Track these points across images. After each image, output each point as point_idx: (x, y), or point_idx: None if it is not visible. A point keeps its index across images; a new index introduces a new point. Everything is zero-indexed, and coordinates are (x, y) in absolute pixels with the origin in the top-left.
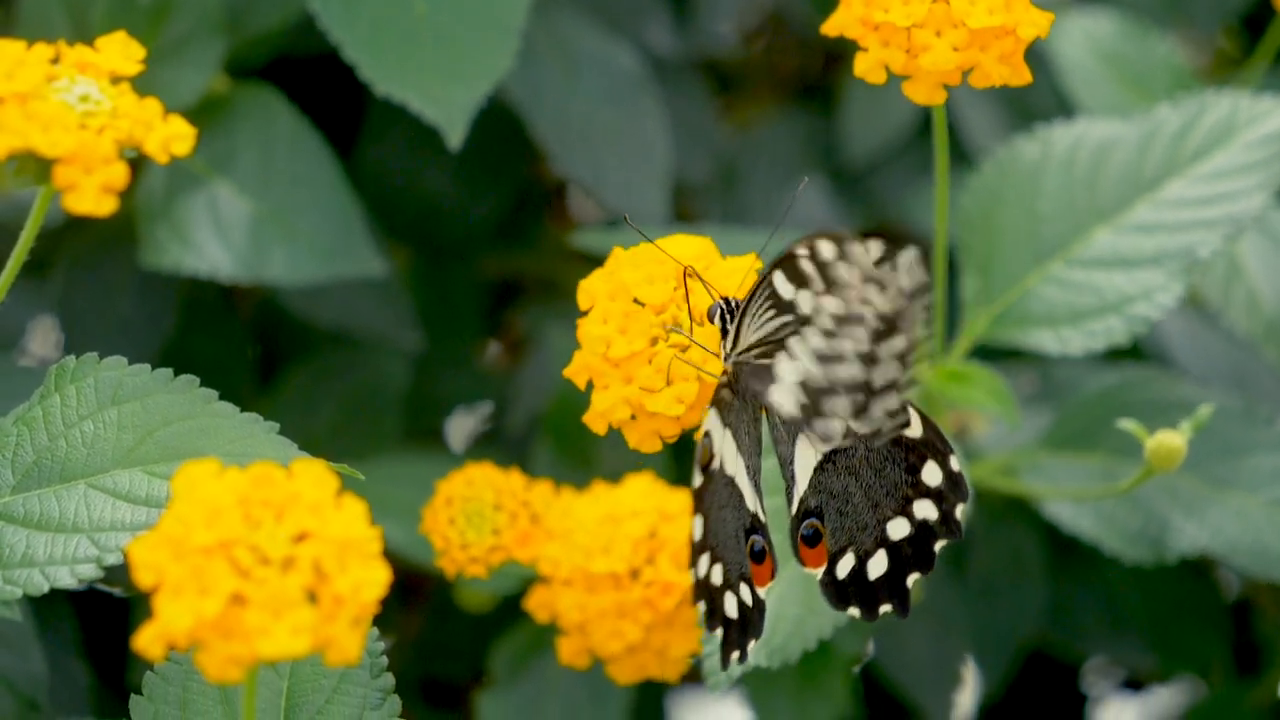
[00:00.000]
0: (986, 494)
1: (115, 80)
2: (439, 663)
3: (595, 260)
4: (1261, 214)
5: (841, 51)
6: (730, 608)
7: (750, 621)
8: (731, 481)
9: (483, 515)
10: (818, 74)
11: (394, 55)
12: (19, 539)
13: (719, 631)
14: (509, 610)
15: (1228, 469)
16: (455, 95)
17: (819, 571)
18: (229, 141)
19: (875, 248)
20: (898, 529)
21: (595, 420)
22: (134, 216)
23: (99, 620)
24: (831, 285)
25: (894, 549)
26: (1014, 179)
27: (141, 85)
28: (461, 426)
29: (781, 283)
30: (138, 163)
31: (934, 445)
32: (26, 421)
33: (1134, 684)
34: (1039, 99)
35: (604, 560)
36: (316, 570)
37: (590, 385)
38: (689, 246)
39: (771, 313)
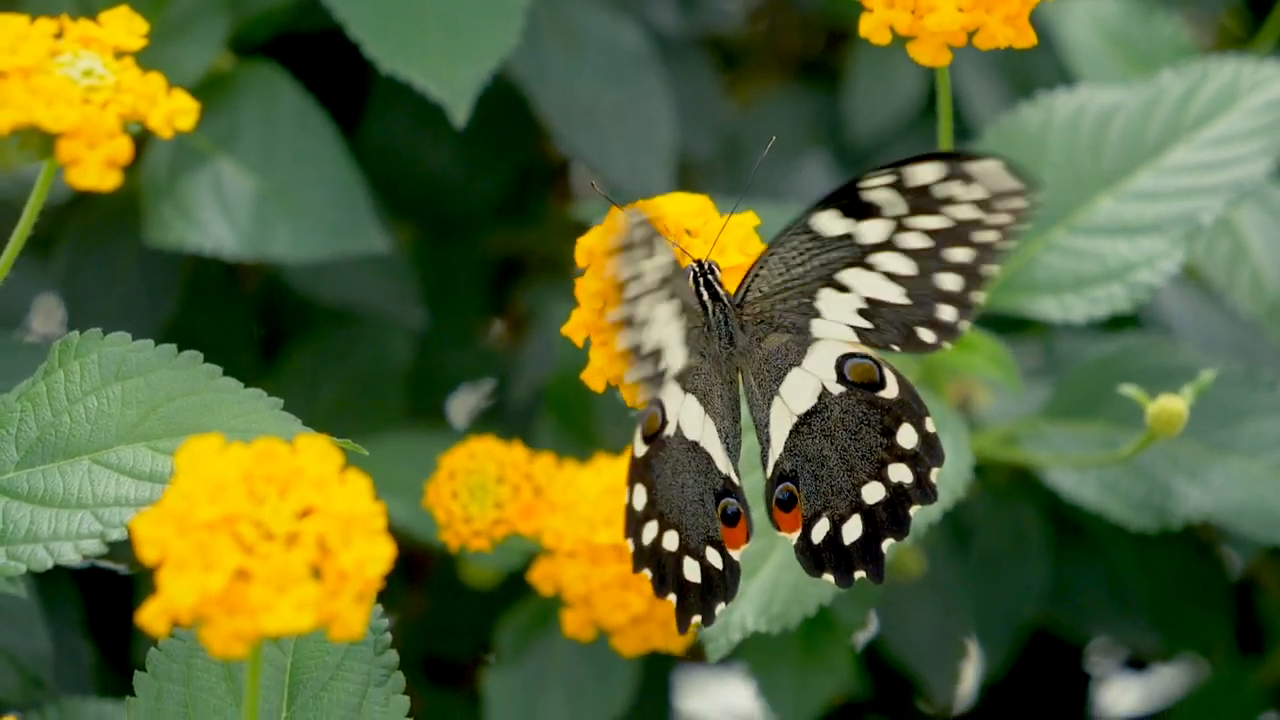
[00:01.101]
0: (990, 471)
1: (119, 55)
2: (442, 640)
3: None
4: (1264, 182)
5: (845, 29)
6: (690, 572)
7: (716, 584)
8: (695, 446)
9: (485, 488)
10: (821, 52)
11: (399, 33)
12: (23, 515)
13: (672, 597)
14: (513, 587)
15: (1230, 434)
16: (460, 73)
17: (794, 536)
18: (233, 118)
19: (934, 169)
20: (873, 493)
21: (593, 377)
22: (138, 194)
23: (102, 597)
24: (931, 205)
25: (869, 513)
26: (1017, 146)
27: (146, 62)
28: (464, 404)
29: (830, 220)
30: (142, 140)
31: (909, 407)
32: (30, 397)
33: (1137, 663)
34: (1043, 77)
35: (607, 532)
36: (321, 546)
37: (588, 342)
38: (687, 204)
39: (804, 255)
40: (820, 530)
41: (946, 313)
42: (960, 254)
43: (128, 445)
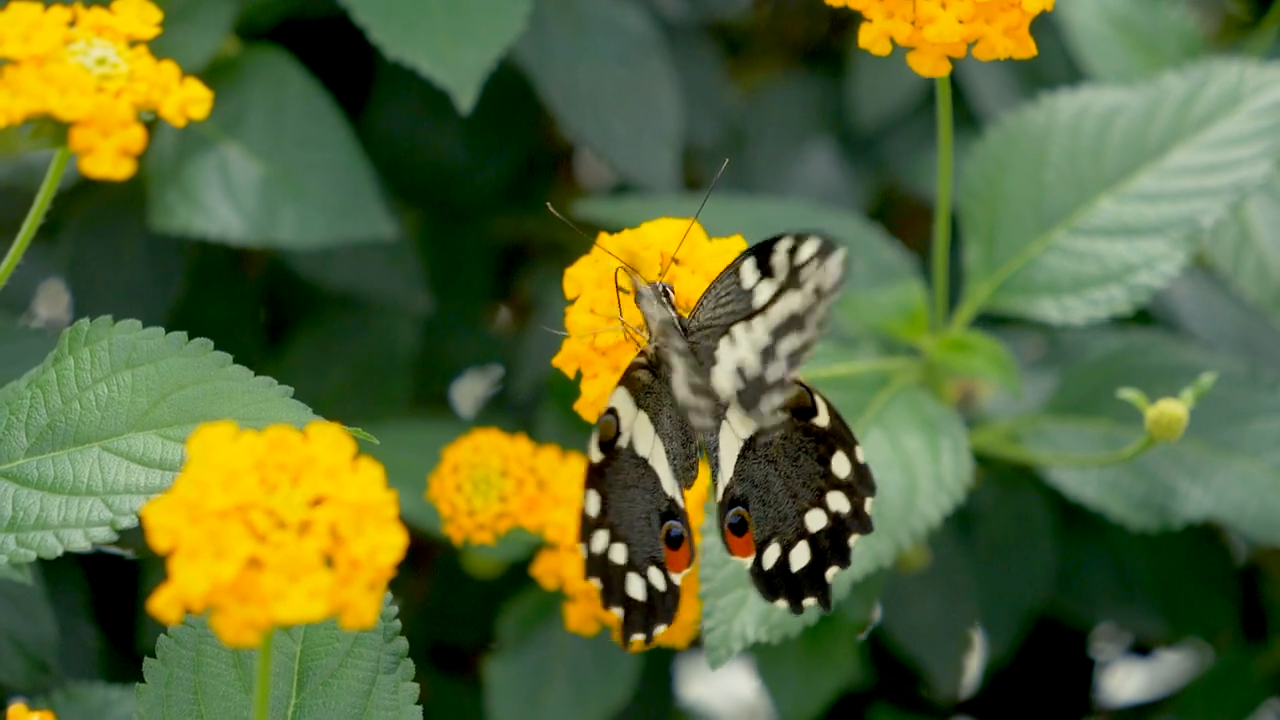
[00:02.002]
0: (993, 460)
1: (132, 43)
2: (447, 628)
3: (603, 226)
4: (1267, 181)
5: (849, 16)
6: (635, 589)
7: (657, 605)
8: (644, 463)
9: (489, 482)
10: (825, 38)
11: (404, 18)
12: (33, 502)
13: (618, 611)
14: (517, 576)
15: (1233, 433)
16: (466, 58)
17: (749, 561)
18: (239, 104)
19: (810, 247)
20: (815, 520)
21: (586, 409)
22: (144, 180)
23: (108, 583)
24: (794, 284)
25: (813, 541)
26: (1018, 147)
27: (153, 47)
28: (468, 391)
29: (749, 271)
30: (148, 126)
31: (840, 436)
32: (40, 384)
33: (1141, 649)
34: (1049, 63)
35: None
36: (333, 534)
37: (579, 374)
38: (674, 230)
39: (728, 297)
40: (771, 556)
41: (767, 402)
42: (790, 342)
43: (138, 433)
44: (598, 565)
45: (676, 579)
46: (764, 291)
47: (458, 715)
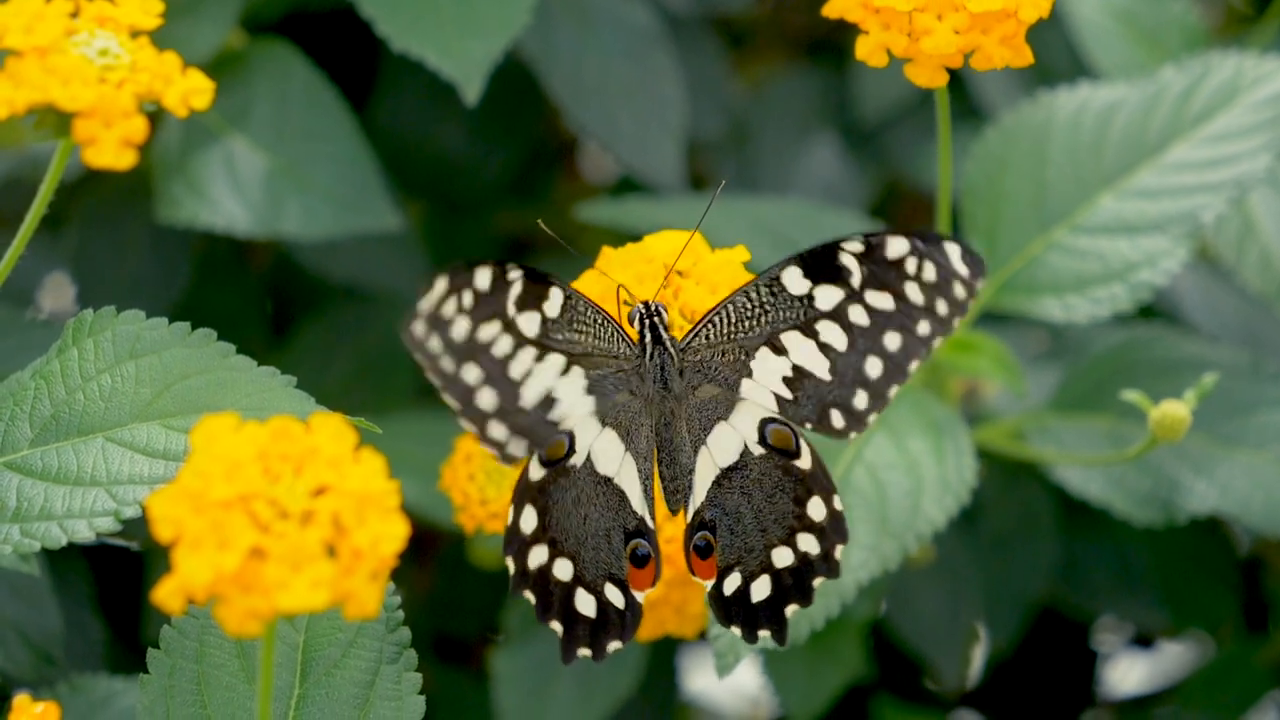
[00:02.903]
0: (997, 456)
1: (134, 34)
2: (451, 619)
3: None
4: (1268, 175)
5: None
6: (583, 605)
7: (613, 622)
8: (606, 481)
9: (502, 471)
10: (828, 31)
11: (411, 10)
12: (37, 492)
13: (557, 625)
14: None
15: (1236, 426)
16: (472, 50)
17: (709, 583)
18: (244, 96)
19: (900, 244)
20: (782, 557)
21: None
22: (149, 172)
23: (112, 574)
24: (883, 282)
25: (776, 576)
26: (1018, 146)
27: (157, 40)
28: None
29: (795, 277)
30: (153, 118)
31: (820, 481)
32: (44, 375)
33: (1143, 641)
34: (1053, 55)
35: None
36: (335, 524)
37: None
38: (676, 243)
39: (762, 307)
40: (731, 584)
41: (860, 400)
42: (893, 340)
43: (141, 423)
44: (533, 580)
45: (639, 596)
46: (826, 296)
47: (461, 706)
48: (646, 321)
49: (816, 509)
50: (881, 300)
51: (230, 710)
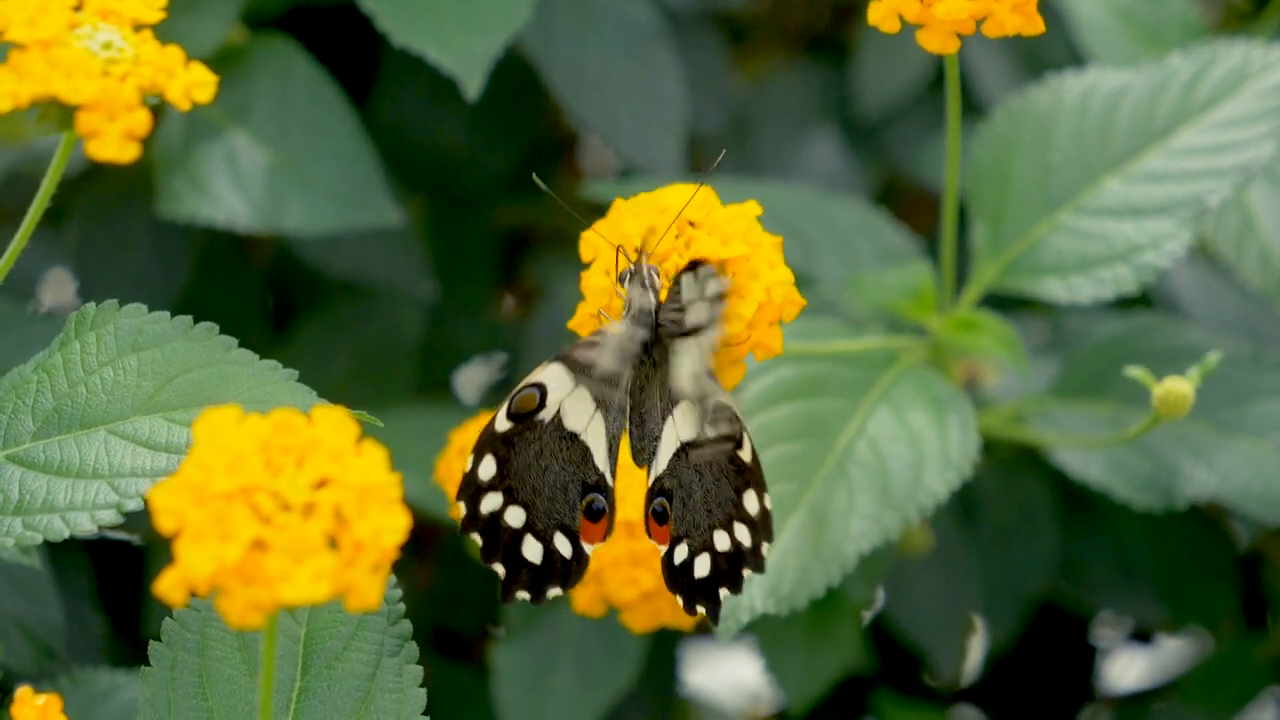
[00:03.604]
0: (998, 444)
1: (137, 27)
2: (450, 613)
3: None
4: (1272, 163)
5: (852, 3)
6: (530, 551)
7: (557, 570)
8: (573, 437)
9: None
10: (828, 26)
11: (412, 6)
12: (39, 485)
13: (499, 568)
14: None
15: (1236, 414)
16: (473, 45)
17: (663, 549)
18: (246, 91)
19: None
20: (720, 541)
21: None
22: (151, 167)
23: (113, 568)
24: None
25: (715, 558)
26: (1025, 128)
27: (160, 36)
28: (470, 378)
29: (689, 287)
30: (155, 113)
31: (756, 476)
32: (47, 368)
33: (1142, 636)
34: (1052, 53)
35: (623, 508)
36: (337, 516)
37: None
38: (688, 195)
39: (676, 306)
40: (680, 554)
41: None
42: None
43: (144, 416)
44: (483, 524)
45: (588, 549)
46: (699, 312)
47: (460, 700)
48: (634, 280)
49: (751, 502)
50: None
51: (232, 702)
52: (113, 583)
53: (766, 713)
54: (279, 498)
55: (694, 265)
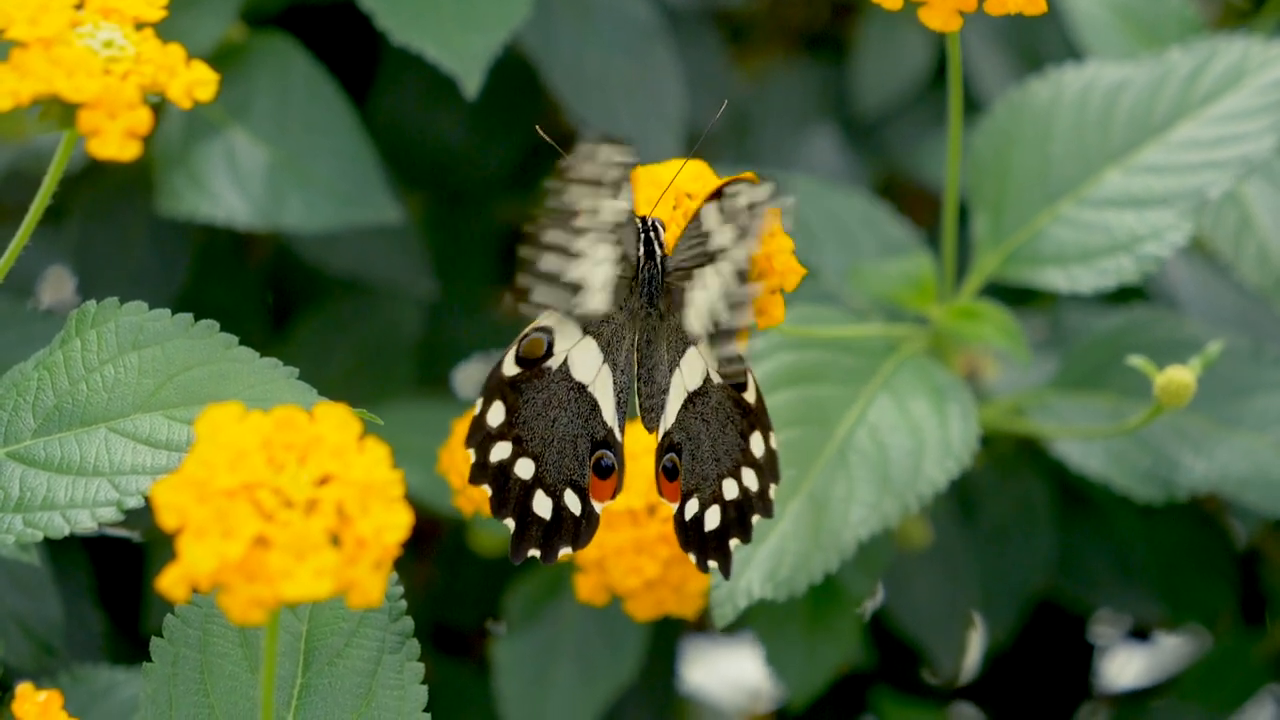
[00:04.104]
0: (996, 441)
1: (139, 26)
2: (450, 610)
3: None
4: (1270, 161)
5: (849, 1)
6: (540, 506)
7: (567, 527)
8: (580, 388)
9: None
10: (826, 24)
11: (411, 4)
12: (40, 482)
13: (510, 522)
14: None
15: (1236, 408)
16: (472, 44)
17: (675, 506)
18: (245, 89)
19: (762, 191)
20: (729, 489)
21: None
22: (150, 164)
23: (112, 566)
24: (741, 225)
25: (724, 507)
26: (1026, 120)
27: (160, 33)
28: (469, 375)
29: (711, 214)
30: (155, 110)
31: (760, 418)
32: (47, 366)
33: (1141, 634)
34: (1050, 50)
35: (621, 497)
36: (339, 513)
37: None
38: (686, 169)
39: (696, 240)
40: (690, 509)
41: (729, 348)
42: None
43: (144, 414)
44: (493, 474)
45: (597, 507)
46: (724, 235)
47: (461, 697)
48: (643, 235)
49: (757, 444)
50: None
51: (233, 699)
52: (111, 581)
53: (766, 710)
54: (281, 494)
55: (718, 193)
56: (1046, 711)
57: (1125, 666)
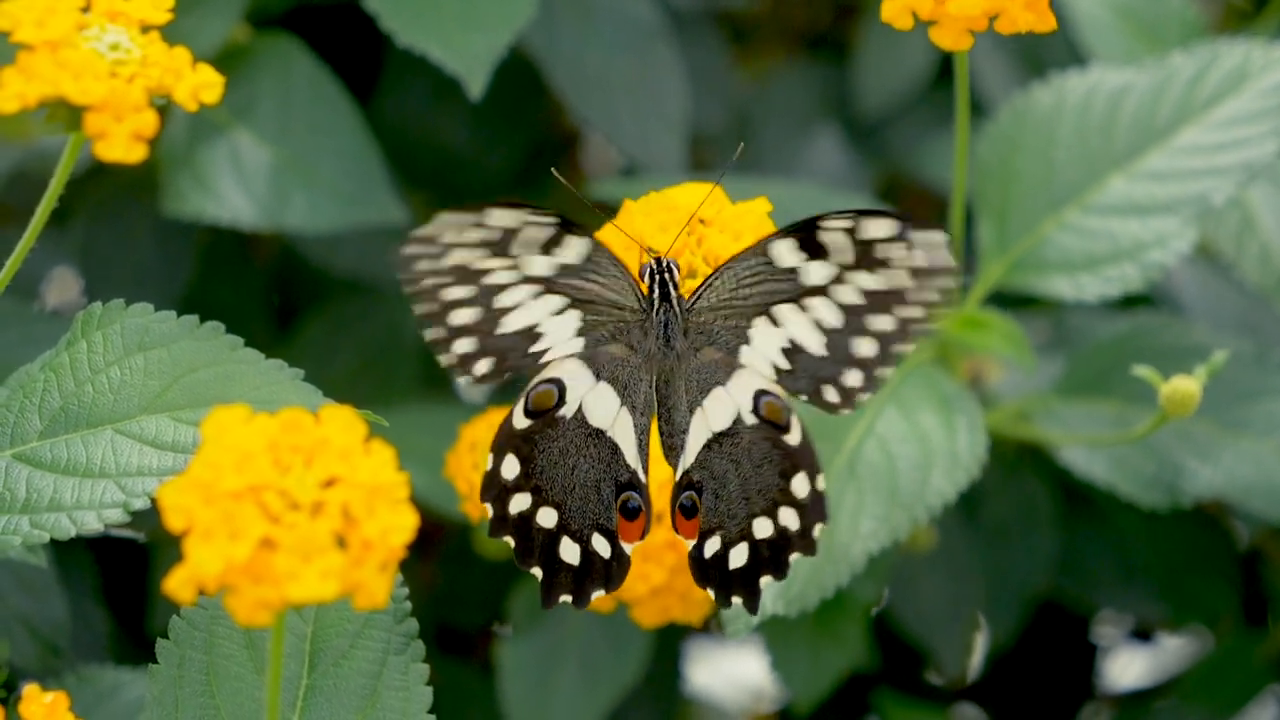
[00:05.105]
0: (1000, 442)
1: (145, 29)
2: (454, 612)
3: (611, 210)
4: (1273, 162)
5: (852, 2)
6: (568, 553)
7: (598, 571)
8: (598, 433)
9: None
10: (829, 25)
11: (415, 5)
12: (46, 484)
13: (538, 571)
14: None
15: (1241, 413)
16: (476, 45)
17: (690, 543)
18: (250, 90)
19: (881, 226)
20: (762, 528)
21: None
22: (155, 165)
23: (117, 566)
24: (873, 263)
25: (755, 546)
26: (1030, 127)
27: (164, 35)
28: None
29: (787, 250)
30: (161, 112)
31: (807, 458)
32: (54, 368)
33: (1143, 634)
34: (1053, 52)
35: None
36: (345, 515)
37: None
38: (699, 194)
39: (758, 277)
40: (711, 547)
41: (853, 378)
42: (883, 321)
43: (150, 415)
44: (514, 525)
45: (627, 548)
46: (817, 271)
47: (465, 698)
48: (657, 277)
49: (801, 486)
50: (871, 281)
51: (239, 700)
52: (117, 581)
53: (769, 710)
54: (287, 497)
55: (808, 225)
56: (1049, 712)
57: (1127, 667)
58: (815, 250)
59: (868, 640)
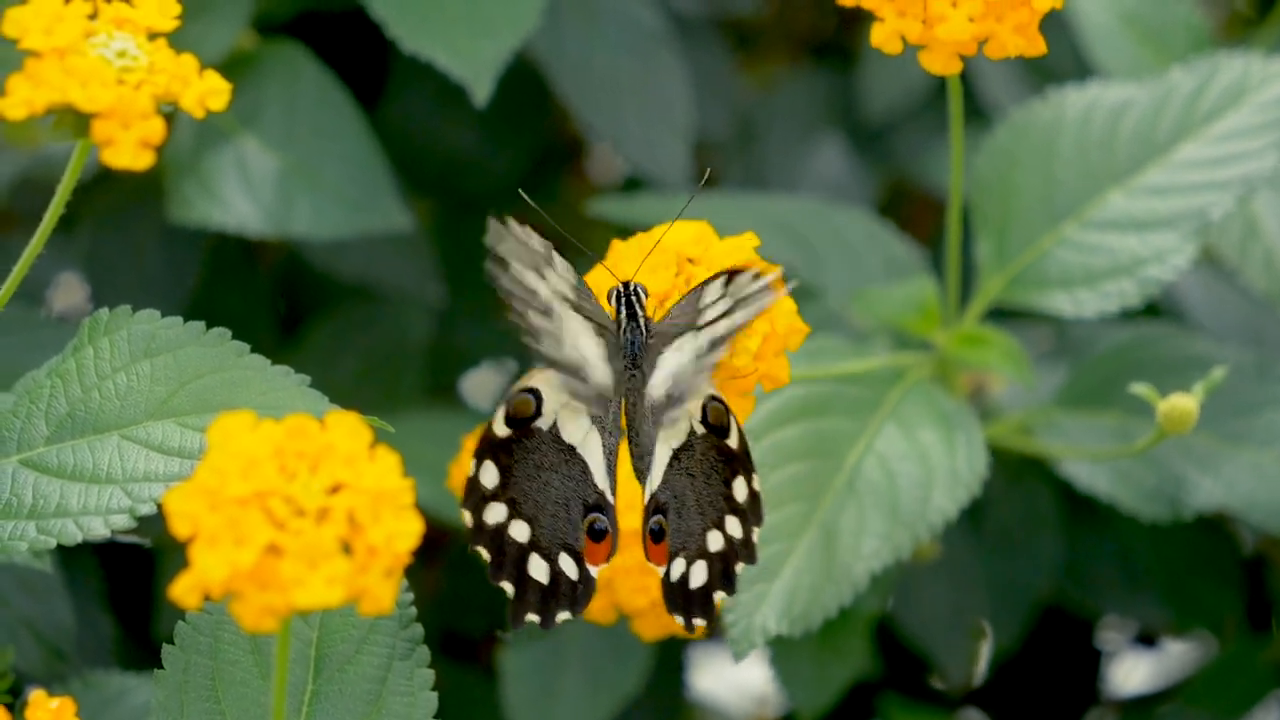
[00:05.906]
0: (1004, 452)
1: (152, 36)
2: (459, 617)
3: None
4: (1275, 174)
5: (858, 12)
6: (536, 570)
7: (564, 593)
8: (570, 450)
9: None
10: (834, 32)
11: (421, 12)
12: (53, 489)
13: (508, 586)
14: None
15: (1242, 425)
16: (481, 51)
17: (661, 570)
18: (256, 96)
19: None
20: (714, 541)
21: None
22: (161, 172)
23: (122, 571)
24: (739, 302)
25: (709, 561)
26: (1028, 142)
27: (171, 41)
28: (479, 383)
29: (715, 288)
30: (167, 119)
31: (744, 460)
32: (60, 373)
33: (1147, 640)
34: (1058, 56)
35: (630, 516)
36: (351, 521)
37: None
38: (687, 233)
39: (686, 309)
40: (676, 569)
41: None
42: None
43: (157, 421)
44: (489, 537)
45: (593, 570)
46: (716, 308)
47: (468, 704)
48: (623, 299)
49: (740, 490)
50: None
51: (244, 706)
52: (122, 586)
53: (773, 716)
54: (293, 503)
55: (729, 275)
56: (1053, 717)
57: (1132, 672)
58: (729, 289)
59: (871, 650)
